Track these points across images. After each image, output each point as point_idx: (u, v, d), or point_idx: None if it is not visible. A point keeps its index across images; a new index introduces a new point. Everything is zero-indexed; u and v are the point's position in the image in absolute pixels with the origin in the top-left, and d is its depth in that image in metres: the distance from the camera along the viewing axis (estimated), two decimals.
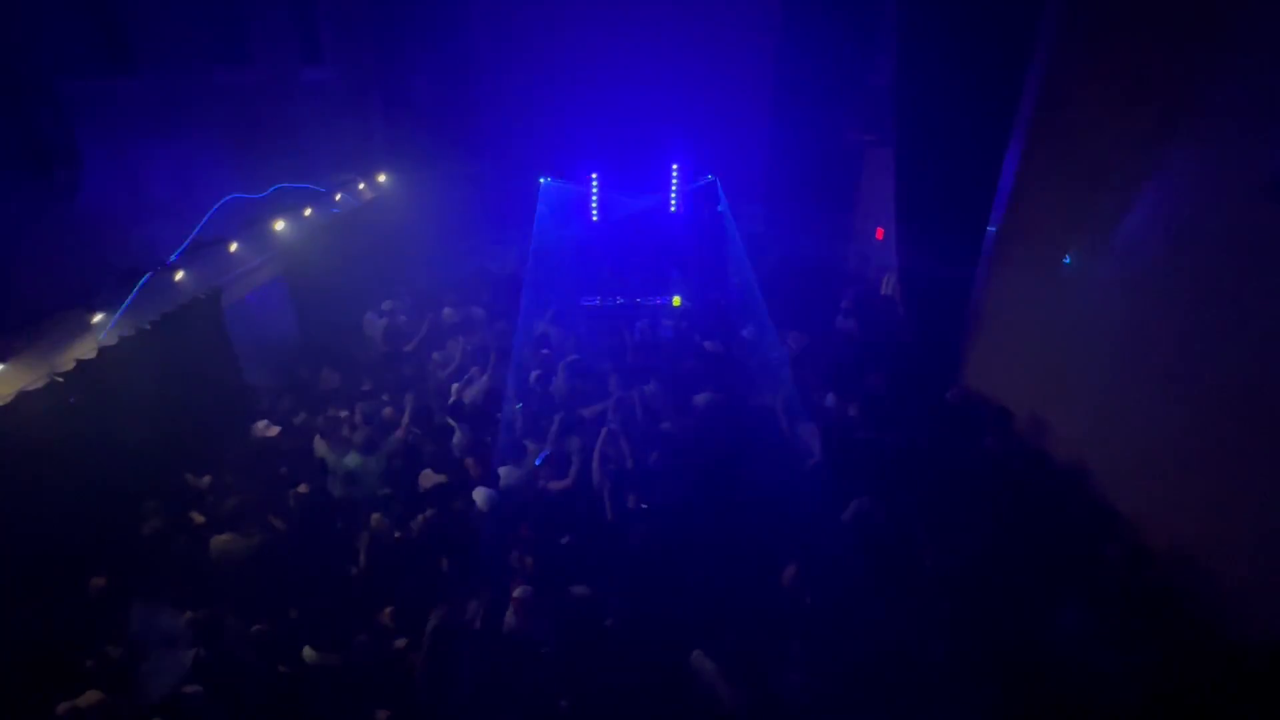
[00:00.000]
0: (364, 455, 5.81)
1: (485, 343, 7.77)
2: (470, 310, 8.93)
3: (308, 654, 4.22)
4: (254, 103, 7.23)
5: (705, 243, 10.66)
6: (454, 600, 4.52)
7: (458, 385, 6.85)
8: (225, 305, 6.49)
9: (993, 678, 3.92)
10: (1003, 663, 3.99)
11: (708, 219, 10.71)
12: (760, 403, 6.59)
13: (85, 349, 4.95)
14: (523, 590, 4.39)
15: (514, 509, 5.27)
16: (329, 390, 7.26)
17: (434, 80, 10.28)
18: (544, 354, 7.40)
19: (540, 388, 6.82)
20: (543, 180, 10.29)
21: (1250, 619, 3.97)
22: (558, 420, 5.85)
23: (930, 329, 7.05)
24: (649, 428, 6.08)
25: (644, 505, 5.18)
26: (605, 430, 5.58)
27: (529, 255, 9.76)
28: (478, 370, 7.08)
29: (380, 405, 6.66)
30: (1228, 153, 4.26)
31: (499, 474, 5.54)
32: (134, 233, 5.50)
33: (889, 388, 6.74)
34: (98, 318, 5.05)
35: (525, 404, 6.49)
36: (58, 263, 4.82)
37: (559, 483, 5.35)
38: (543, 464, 5.48)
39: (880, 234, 9.32)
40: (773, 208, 10.61)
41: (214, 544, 4.91)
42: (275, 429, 6.25)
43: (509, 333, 8.04)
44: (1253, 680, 3.69)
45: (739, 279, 9.90)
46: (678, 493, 5.26)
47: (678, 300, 9.53)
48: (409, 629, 4.36)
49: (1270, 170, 3.87)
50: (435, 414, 6.44)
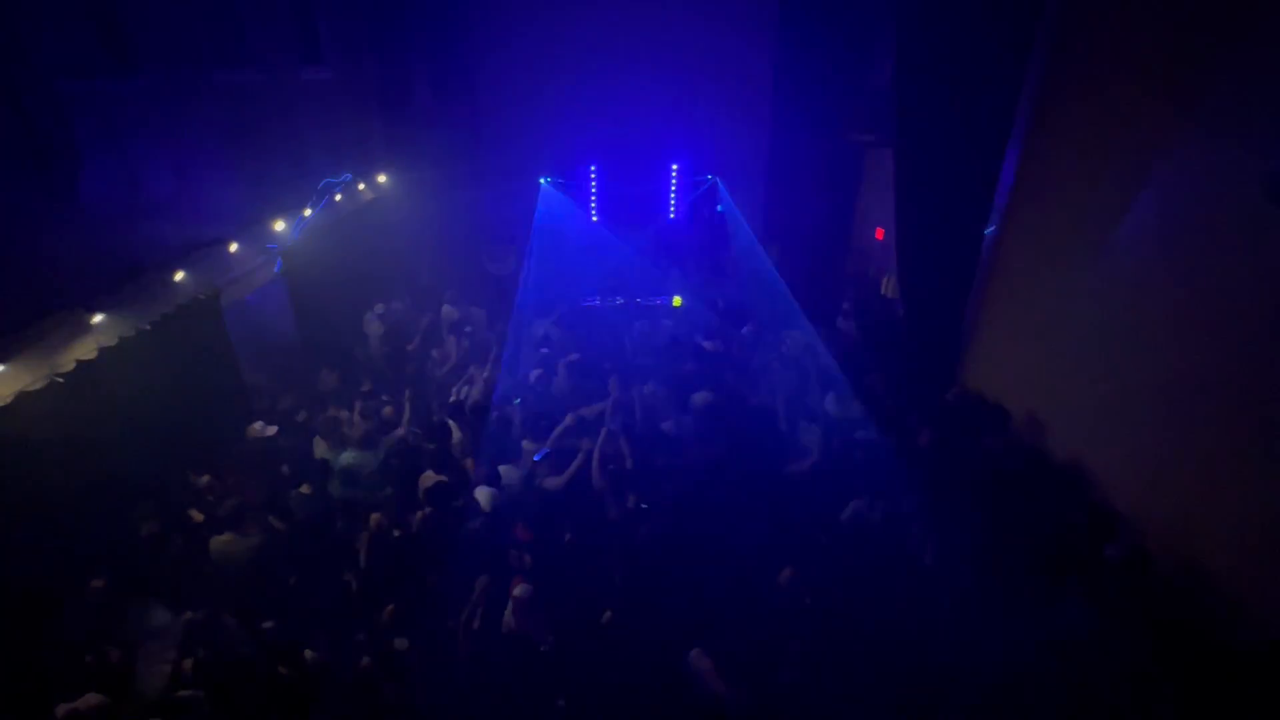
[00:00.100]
0: (362, 451, 5.80)
1: (485, 342, 7.78)
2: (470, 309, 8.94)
3: (308, 654, 4.22)
4: (254, 103, 7.22)
5: (705, 243, 10.66)
6: (454, 598, 4.52)
7: (457, 385, 6.86)
8: (225, 305, 6.49)
9: (992, 678, 3.92)
10: (1002, 663, 3.98)
11: (708, 219, 10.71)
12: (760, 403, 6.60)
13: (85, 349, 4.95)
14: (522, 589, 4.39)
15: (514, 508, 5.28)
16: (328, 390, 7.26)
17: (434, 80, 10.27)
18: (543, 353, 7.40)
19: (541, 387, 6.83)
20: (543, 181, 10.30)
21: (1249, 619, 3.97)
22: (569, 418, 5.86)
23: (930, 329, 7.05)
24: (649, 428, 6.08)
25: (644, 505, 5.18)
26: (605, 431, 5.60)
27: (528, 255, 9.77)
28: (477, 369, 7.08)
29: (380, 404, 6.66)
30: (1227, 153, 4.25)
31: (499, 473, 5.54)
32: (134, 232, 5.50)
33: (889, 388, 6.74)
34: (98, 318, 5.05)
35: (525, 403, 6.50)
36: (58, 263, 4.82)
37: (554, 480, 5.35)
38: (541, 461, 5.48)
39: (880, 234, 9.32)
40: (772, 208, 10.60)
41: (214, 544, 4.91)
42: (272, 429, 6.25)
43: (509, 332, 8.05)
44: (1252, 680, 3.69)
45: (739, 279, 9.90)
46: (677, 493, 5.26)
47: (678, 300, 9.53)
48: (409, 629, 4.35)
49: (1269, 171, 3.86)
50: (435, 413, 6.44)
